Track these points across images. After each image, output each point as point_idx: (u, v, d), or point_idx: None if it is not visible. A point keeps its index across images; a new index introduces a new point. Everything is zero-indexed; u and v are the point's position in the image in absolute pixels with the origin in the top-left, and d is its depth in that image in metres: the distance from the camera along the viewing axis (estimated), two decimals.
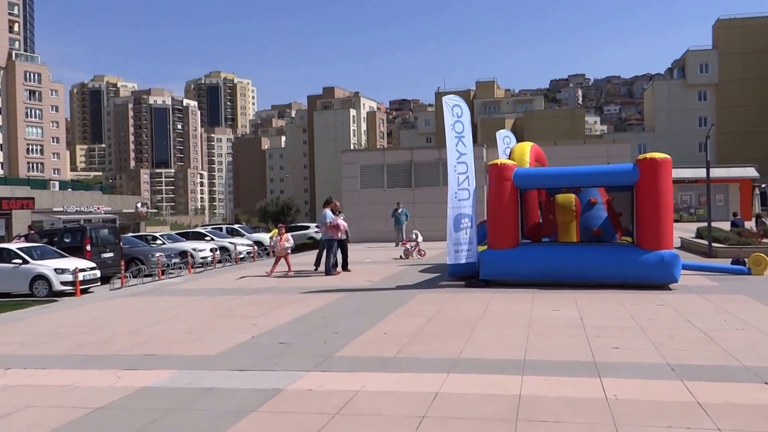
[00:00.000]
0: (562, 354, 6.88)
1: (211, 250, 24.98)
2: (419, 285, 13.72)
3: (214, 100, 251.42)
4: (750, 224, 25.52)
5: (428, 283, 13.97)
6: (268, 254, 26.89)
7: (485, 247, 13.60)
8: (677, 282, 11.93)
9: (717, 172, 40.59)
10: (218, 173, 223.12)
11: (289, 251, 17.84)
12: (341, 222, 16.51)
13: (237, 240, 29.27)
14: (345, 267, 17.26)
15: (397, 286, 13.71)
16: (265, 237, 32.94)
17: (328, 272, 16.39)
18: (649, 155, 12.05)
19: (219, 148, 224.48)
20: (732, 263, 14.54)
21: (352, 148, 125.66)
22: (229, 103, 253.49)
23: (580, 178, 12.69)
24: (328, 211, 16.54)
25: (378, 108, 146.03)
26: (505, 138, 17.98)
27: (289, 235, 18.56)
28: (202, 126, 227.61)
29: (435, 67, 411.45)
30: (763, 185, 55.98)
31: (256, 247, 26.77)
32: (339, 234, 16.54)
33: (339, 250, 16.95)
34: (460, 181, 12.81)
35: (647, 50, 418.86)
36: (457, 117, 13.01)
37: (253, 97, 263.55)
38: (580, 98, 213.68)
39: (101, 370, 6.99)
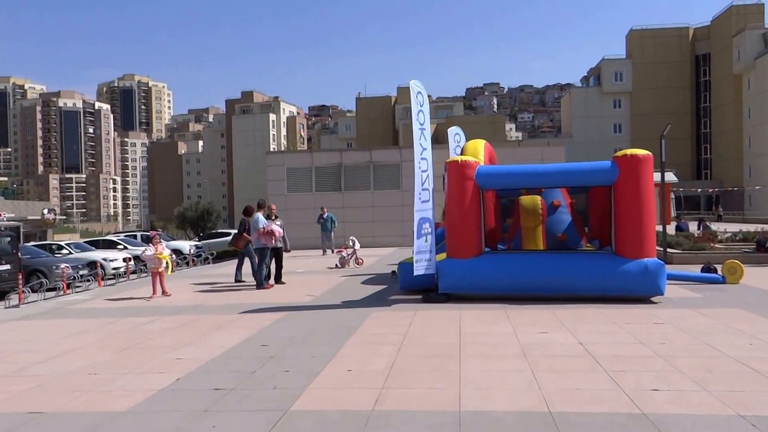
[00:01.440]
0: (593, 401, 5.29)
1: (124, 259, 22.52)
2: (368, 301, 12.00)
3: (128, 103, 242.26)
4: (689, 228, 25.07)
5: (378, 298, 12.26)
6: (187, 263, 24.63)
7: (443, 255, 12.04)
8: (663, 294, 10.67)
9: None
10: (132, 178, 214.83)
11: (164, 267, 13.88)
12: (276, 228, 14.60)
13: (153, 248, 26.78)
14: (279, 279, 15.35)
15: (344, 302, 11.92)
16: (184, 245, 30.49)
17: (259, 285, 14.44)
18: (629, 151, 10.75)
19: (133, 153, 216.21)
20: (702, 271, 13.51)
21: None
22: (143, 106, 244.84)
23: (552, 178, 11.25)
24: (260, 216, 14.60)
25: (298, 113, 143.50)
26: (455, 135, 16.52)
27: (165, 247, 14.56)
28: (115, 130, 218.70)
29: (354, 73, 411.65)
30: (680, 189, 57.22)
31: (174, 255, 24.33)
32: (273, 241, 14.64)
33: (273, 260, 15.06)
34: (422, 180, 11.18)
35: (558, 61, 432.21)
36: (419, 106, 11.37)
37: (168, 101, 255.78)
38: (495, 106, 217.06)
39: None
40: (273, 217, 15.22)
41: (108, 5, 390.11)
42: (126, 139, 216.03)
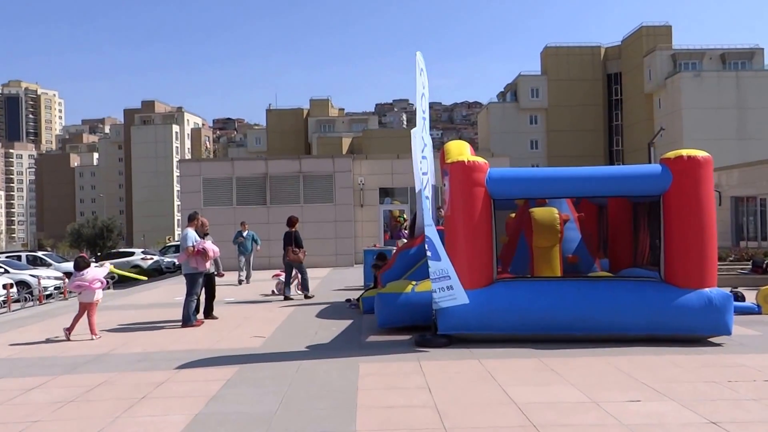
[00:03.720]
0: None
1: (5, 286, 18.56)
2: (342, 345, 9.12)
3: (14, 112, 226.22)
4: None
5: (352, 341, 9.40)
6: (49, 296, 19.36)
7: (427, 284, 9.43)
8: (730, 335, 8.39)
9: None
10: (18, 193, 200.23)
11: (98, 299, 10.42)
12: (210, 246, 11.45)
13: (42, 272, 22.69)
14: (209, 313, 12.19)
15: (309, 347, 9.00)
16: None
17: (186, 322, 11.25)
18: (684, 152, 8.45)
19: (19, 165, 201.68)
20: None
21: (176, 167, 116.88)
22: (31, 116, 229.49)
23: (587, 185, 8.74)
24: (190, 231, 11.42)
25: (203, 125, 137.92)
26: (415, 137, 13.74)
27: (99, 270, 10.61)
28: None
29: (260, 87, 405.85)
30: None
31: (67, 280, 20.41)
32: (207, 264, 11.51)
33: (202, 288, 11.87)
34: (423, 184, 8.57)
35: (466, 79, 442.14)
36: (422, 88, 8.92)
37: (60, 111, 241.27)
38: (405, 122, 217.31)
39: None
40: (204, 234, 12.04)
41: None
42: (11, 150, 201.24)
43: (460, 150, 11.33)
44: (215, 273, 12.32)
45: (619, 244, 10.71)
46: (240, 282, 19.76)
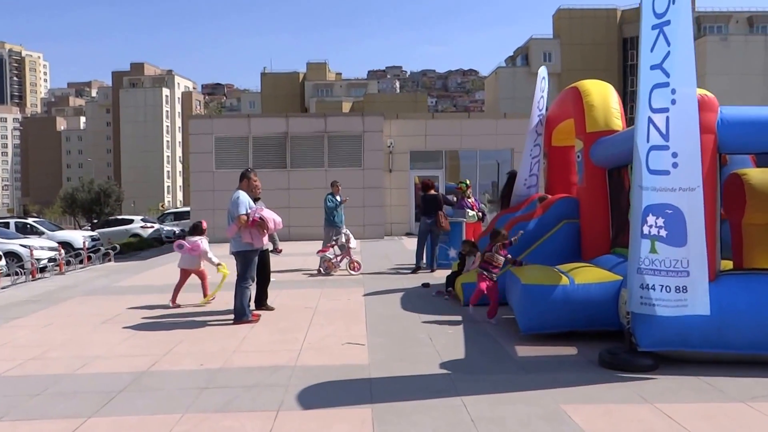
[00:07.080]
0: None
1: None
2: (494, 367, 6.32)
3: None
4: None
5: (499, 357, 6.61)
6: (81, 261, 18.03)
7: (529, 273, 6.76)
8: None
9: None
10: (2, 157, 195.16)
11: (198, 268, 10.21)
12: (270, 215, 8.51)
13: (33, 241, 19.73)
14: (262, 302, 9.37)
15: (444, 365, 6.18)
16: (76, 237, 23.44)
17: (241, 317, 8.39)
18: None
19: (3, 129, 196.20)
20: None
21: (165, 131, 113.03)
22: (16, 78, 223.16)
23: None
24: (242, 195, 8.43)
25: (194, 88, 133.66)
26: (542, 80, 11.19)
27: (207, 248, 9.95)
28: None
29: (250, 53, 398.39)
30: None
31: (63, 251, 17.48)
32: (264, 238, 8.63)
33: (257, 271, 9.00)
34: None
35: (461, 46, 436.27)
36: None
37: (45, 73, 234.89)
38: (398, 89, 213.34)
39: None
40: (255, 200, 9.12)
41: None
42: None
43: (604, 95, 8.67)
44: (272, 250, 9.46)
45: None
46: (325, 267, 13.61)
